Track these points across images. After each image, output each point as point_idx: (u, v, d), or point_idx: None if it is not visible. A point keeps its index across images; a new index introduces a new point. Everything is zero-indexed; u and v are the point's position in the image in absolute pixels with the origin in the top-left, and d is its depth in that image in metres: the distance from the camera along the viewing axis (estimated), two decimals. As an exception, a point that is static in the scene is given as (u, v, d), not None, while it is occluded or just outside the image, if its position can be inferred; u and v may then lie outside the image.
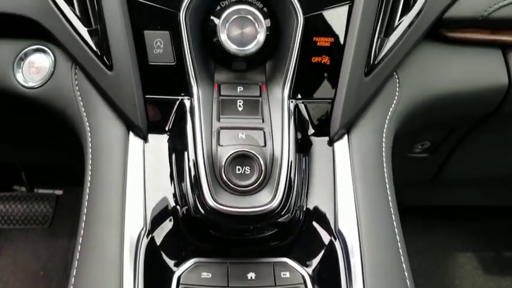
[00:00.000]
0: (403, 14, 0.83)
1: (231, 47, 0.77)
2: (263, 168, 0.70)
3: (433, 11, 0.85)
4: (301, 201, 0.77)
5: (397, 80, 0.87)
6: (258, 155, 0.70)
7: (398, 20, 0.83)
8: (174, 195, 0.76)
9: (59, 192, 2.05)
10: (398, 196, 0.83)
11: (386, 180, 0.81)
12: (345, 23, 0.79)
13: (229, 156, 0.70)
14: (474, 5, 0.88)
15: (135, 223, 0.73)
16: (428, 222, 1.93)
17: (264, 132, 0.75)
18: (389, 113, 0.85)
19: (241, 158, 0.70)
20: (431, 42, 0.91)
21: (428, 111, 0.91)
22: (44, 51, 0.86)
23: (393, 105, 0.85)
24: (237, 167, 0.70)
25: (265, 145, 0.74)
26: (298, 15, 0.78)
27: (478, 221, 1.95)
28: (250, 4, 0.79)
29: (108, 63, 0.78)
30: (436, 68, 0.91)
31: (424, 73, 0.90)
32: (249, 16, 0.77)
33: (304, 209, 0.77)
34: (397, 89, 0.87)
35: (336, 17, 0.79)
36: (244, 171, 0.70)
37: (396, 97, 0.86)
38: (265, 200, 0.69)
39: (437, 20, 0.87)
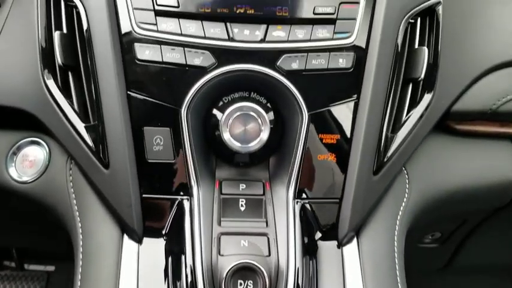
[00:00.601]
0: (410, 109, 0.81)
1: (234, 144, 0.75)
2: (267, 282, 0.64)
3: (440, 105, 0.84)
4: None
5: (406, 176, 0.83)
6: (261, 268, 0.65)
7: (406, 116, 0.81)
8: None
9: (51, 268, 1.95)
10: (409, 285, 0.77)
11: (399, 284, 0.76)
12: (351, 119, 0.77)
13: (230, 269, 0.65)
14: (482, 98, 0.87)
15: None
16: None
17: (268, 239, 0.70)
18: (400, 212, 0.80)
19: (244, 271, 0.65)
20: (439, 134, 0.88)
21: (439, 208, 0.87)
22: (38, 144, 0.84)
23: (403, 204, 0.81)
24: (239, 281, 0.65)
25: (269, 254, 0.68)
26: (303, 111, 0.75)
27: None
28: (253, 100, 0.77)
29: (104, 160, 0.75)
30: (445, 162, 0.88)
31: (433, 167, 0.86)
32: (252, 113, 0.75)
33: None
34: (407, 186, 0.83)
35: (342, 114, 0.77)
36: (246, 286, 0.64)
37: (406, 194, 0.82)
38: None
39: (445, 113, 0.85)
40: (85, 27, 0.76)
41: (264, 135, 0.74)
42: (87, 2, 0.76)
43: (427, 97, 0.81)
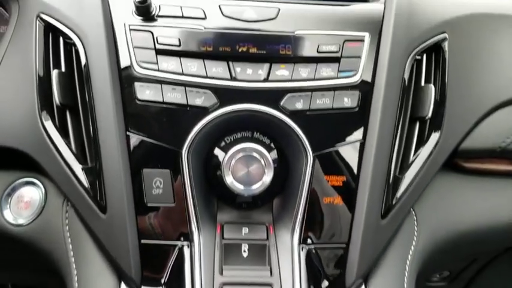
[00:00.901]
0: (417, 148, 0.79)
1: (237, 187, 0.72)
2: None
3: (448, 144, 0.81)
4: None
5: (415, 218, 0.80)
6: None
7: (413, 155, 0.78)
8: None
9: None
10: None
11: None
12: (358, 160, 0.74)
13: None
14: (491, 136, 0.84)
15: None
16: None
17: None
18: (409, 256, 0.77)
19: None
20: (447, 172, 0.86)
21: (449, 250, 0.84)
22: (34, 184, 0.81)
23: (413, 247, 0.78)
24: None
25: None
26: (308, 153, 0.73)
27: None
28: (256, 140, 0.75)
29: (102, 204, 0.72)
30: (453, 202, 0.85)
31: (441, 208, 0.83)
32: (255, 154, 0.73)
33: None
34: (416, 228, 0.80)
35: (348, 155, 0.74)
36: None
37: (415, 237, 0.79)
38: None
39: (453, 151, 0.83)
40: (83, 65, 0.74)
41: (267, 178, 0.72)
42: (86, 40, 0.75)
43: (435, 136, 0.79)
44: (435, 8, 0.85)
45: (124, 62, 0.74)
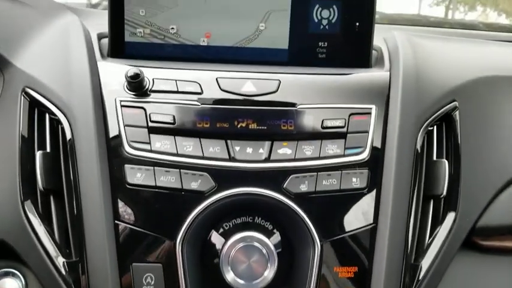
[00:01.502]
0: (432, 229, 0.73)
1: (237, 283, 0.65)
2: None
3: (465, 223, 0.75)
4: None
5: None
6: None
7: (428, 239, 0.72)
8: None
9: None
10: None
11: None
12: (370, 248, 0.68)
13: None
14: (509, 211, 0.78)
15: None
16: None
17: None
18: None
19: None
20: (464, 252, 0.78)
21: None
22: (13, 275, 0.73)
23: None
24: None
25: None
26: (315, 241, 0.66)
27: None
28: (258, 227, 0.68)
29: None
30: (472, 285, 0.78)
31: None
32: (256, 244, 0.66)
33: None
34: None
35: (359, 242, 0.68)
36: None
37: None
38: None
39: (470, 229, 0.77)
40: (69, 145, 0.68)
41: (270, 273, 0.65)
42: (73, 117, 0.69)
43: (451, 216, 0.73)
44: (442, 73, 0.80)
45: (113, 142, 0.68)
